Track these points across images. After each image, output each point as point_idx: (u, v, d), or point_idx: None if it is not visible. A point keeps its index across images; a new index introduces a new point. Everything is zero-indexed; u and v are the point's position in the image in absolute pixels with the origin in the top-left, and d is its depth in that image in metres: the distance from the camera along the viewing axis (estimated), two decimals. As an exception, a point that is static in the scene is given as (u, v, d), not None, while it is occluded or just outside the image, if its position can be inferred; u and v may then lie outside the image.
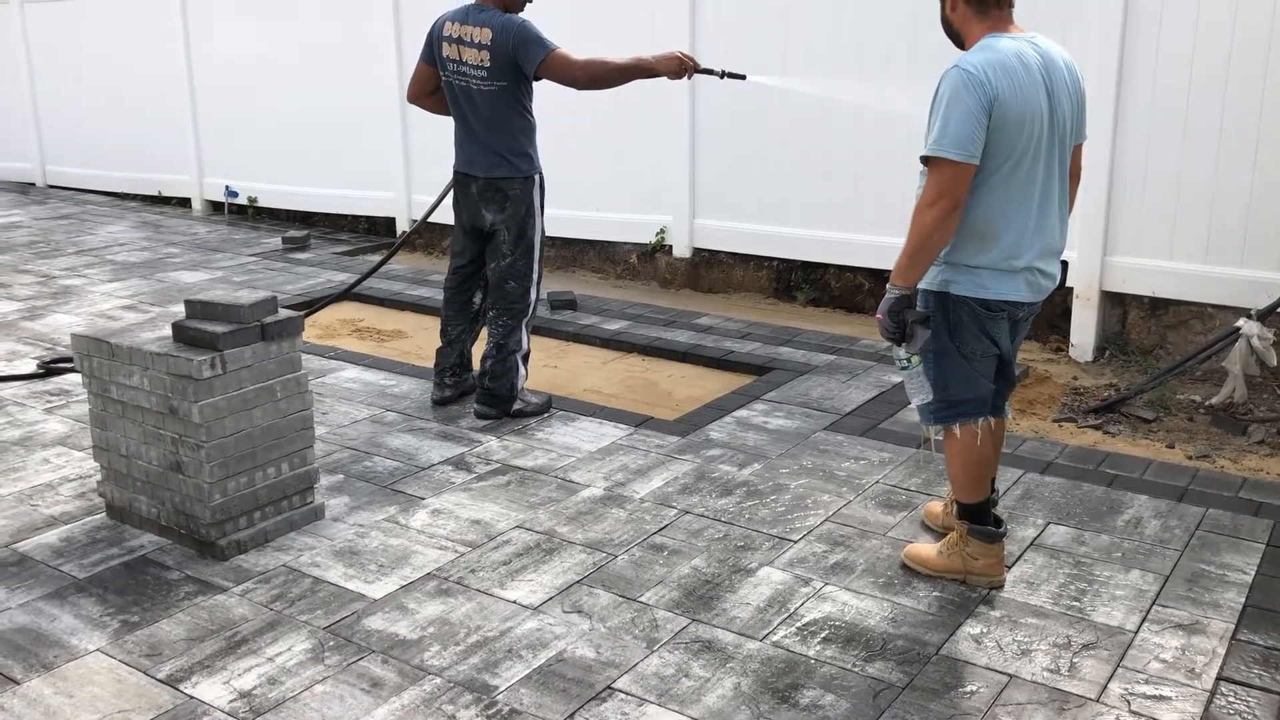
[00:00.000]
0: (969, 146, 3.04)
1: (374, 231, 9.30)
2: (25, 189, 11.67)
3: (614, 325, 6.40)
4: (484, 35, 4.51)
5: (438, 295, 6.89)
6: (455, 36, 4.60)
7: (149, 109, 10.38)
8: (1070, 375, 5.67)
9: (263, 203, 9.89)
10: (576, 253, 7.90)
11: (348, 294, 6.87)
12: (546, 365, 5.80)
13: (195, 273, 7.77)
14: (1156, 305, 5.85)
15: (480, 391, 4.89)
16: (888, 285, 3.22)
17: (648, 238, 7.48)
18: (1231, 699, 2.87)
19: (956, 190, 3.08)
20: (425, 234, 8.55)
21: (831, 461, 4.41)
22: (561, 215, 7.75)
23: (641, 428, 4.78)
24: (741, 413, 4.95)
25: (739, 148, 6.96)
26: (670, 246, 7.40)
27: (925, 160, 3.14)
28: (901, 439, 4.62)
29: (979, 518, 3.41)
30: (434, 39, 4.72)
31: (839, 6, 6.45)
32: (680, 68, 4.64)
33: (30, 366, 5.63)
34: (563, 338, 6.31)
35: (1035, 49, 3.18)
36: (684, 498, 4.08)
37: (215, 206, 10.24)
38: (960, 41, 3.30)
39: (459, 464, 4.41)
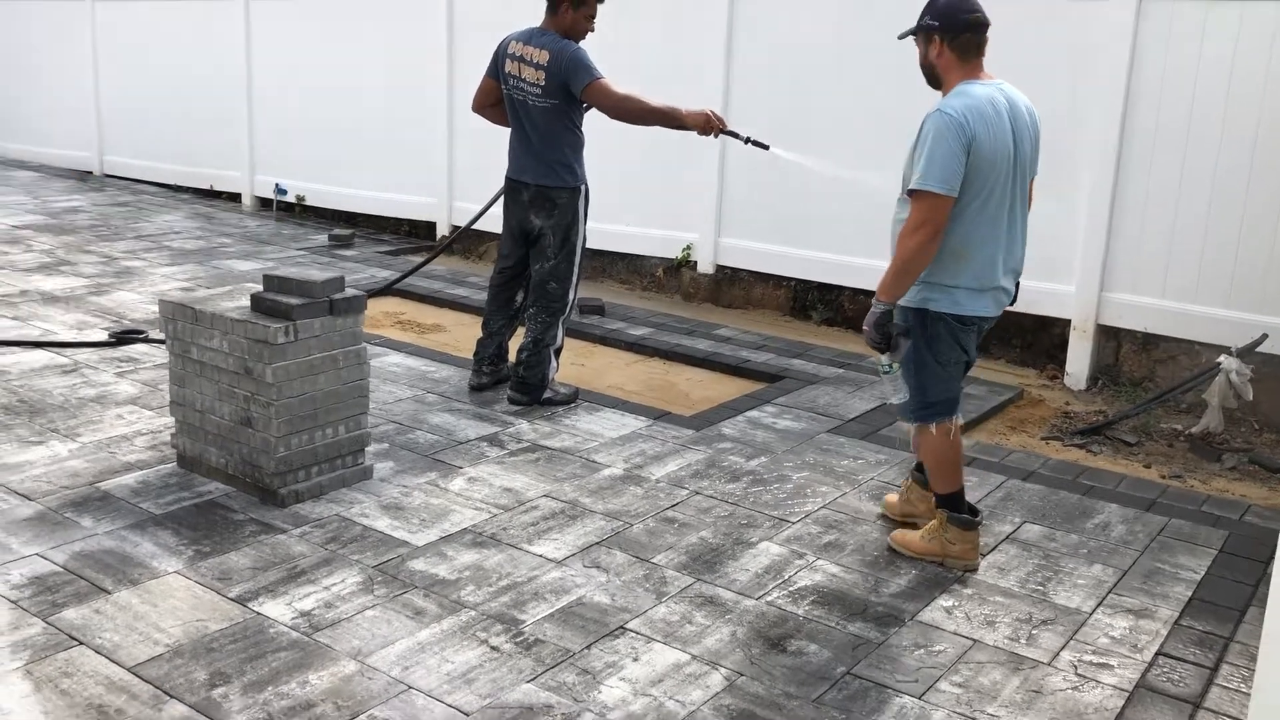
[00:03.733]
0: (950, 181, 3.50)
1: (415, 234, 9.79)
2: (84, 176, 12.24)
3: (638, 331, 6.84)
4: (542, 57, 4.99)
5: (475, 295, 7.38)
6: (518, 55, 5.08)
7: (206, 107, 10.92)
8: (1063, 401, 6.07)
9: (310, 201, 10.39)
10: (606, 264, 8.36)
11: (398, 282, 7.36)
12: (575, 363, 6.24)
13: (247, 262, 8.25)
14: (1148, 340, 6.25)
15: (514, 380, 5.34)
16: (873, 301, 3.67)
17: (674, 253, 7.93)
18: (1166, 670, 3.28)
19: (938, 219, 3.52)
20: (464, 240, 9.02)
21: (832, 459, 4.83)
22: (593, 228, 8.19)
23: (660, 420, 5.21)
24: (752, 413, 5.38)
25: (764, 172, 7.39)
26: (695, 262, 7.85)
27: (911, 192, 3.57)
28: (898, 443, 5.03)
29: (956, 505, 3.83)
30: (499, 56, 5.20)
31: (856, 73, 6.91)
32: (708, 125, 5.12)
33: (100, 336, 6.11)
34: (590, 340, 6.75)
35: (1003, 94, 3.65)
36: (695, 481, 4.51)
37: (264, 203, 10.76)
38: (937, 82, 3.72)
39: (493, 441, 4.85)
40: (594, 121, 5.33)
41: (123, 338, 6.00)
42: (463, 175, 9.09)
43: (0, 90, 13.51)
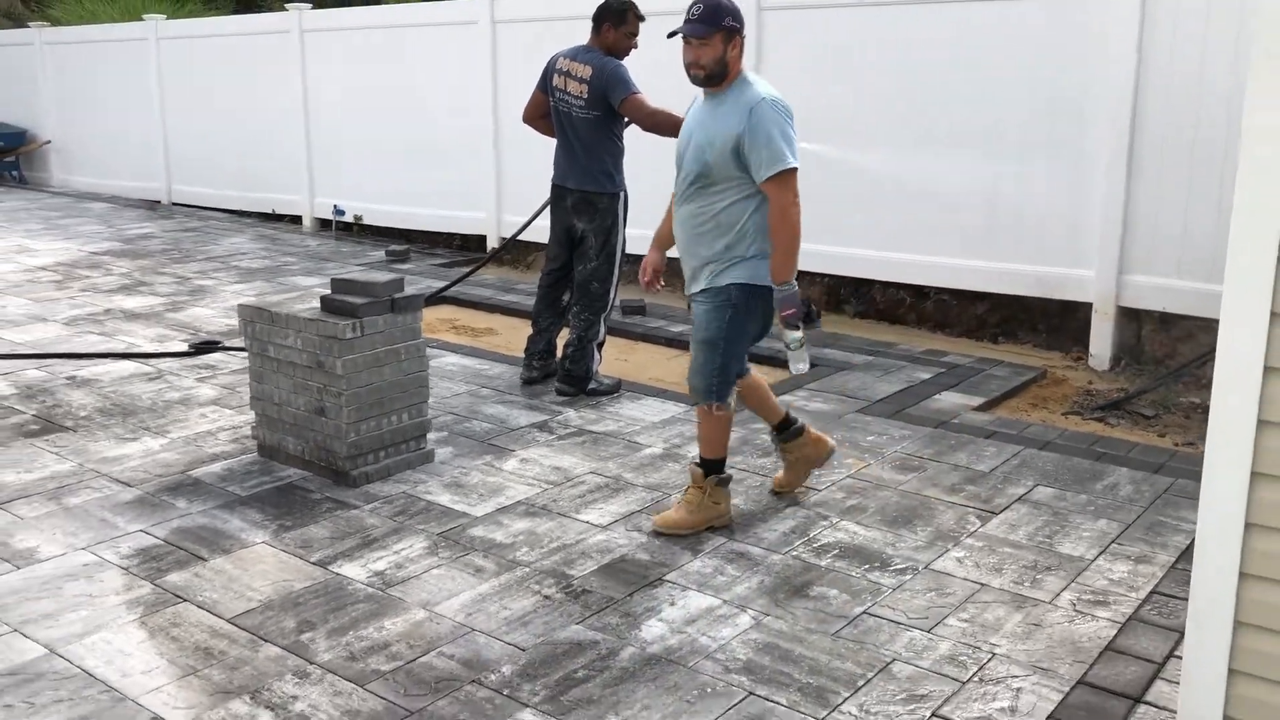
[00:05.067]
0: (798, 156, 3.86)
1: (466, 248, 10.26)
2: (153, 205, 12.90)
3: (678, 328, 7.22)
4: (586, 72, 5.43)
5: (524, 300, 7.80)
6: (564, 70, 5.53)
7: (267, 136, 11.52)
8: (1086, 380, 6.35)
9: (367, 220, 10.93)
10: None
11: (452, 286, 7.83)
12: (618, 359, 6.64)
13: (310, 278, 8.76)
14: (1168, 319, 6.51)
15: (561, 373, 5.74)
16: (782, 285, 3.90)
17: (713, 255, 8.29)
18: (1159, 605, 3.58)
19: (798, 190, 3.85)
20: (512, 250, 9.48)
21: (857, 435, 5.17)
22: (637, 234, 8.62)
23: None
24: (785, 397, 5.73)
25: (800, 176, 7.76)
26: (733, 263, 8.20)
27: (781, 174, 3.79)
28: (921, 421, 5.36)
29: (719, 468, 4.14)
30: (548, 71, 5.64)
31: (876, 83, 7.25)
32: None
33: (180, 347, 6.61)
34: (633, 337, 7.14)
35: None
36: (731, 456, 4.84)
37: (324, 224, 11.32)
38: (719, 78, 3.91)
39: (542, 427, 5.25)
40: (642, 133, 5.74)
41: (201, 348, 6.50)
42: (510, 190, 9.55)
43: (72, 128, 14.29)
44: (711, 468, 4.13)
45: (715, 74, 3.91)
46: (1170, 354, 6.52)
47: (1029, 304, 7.04)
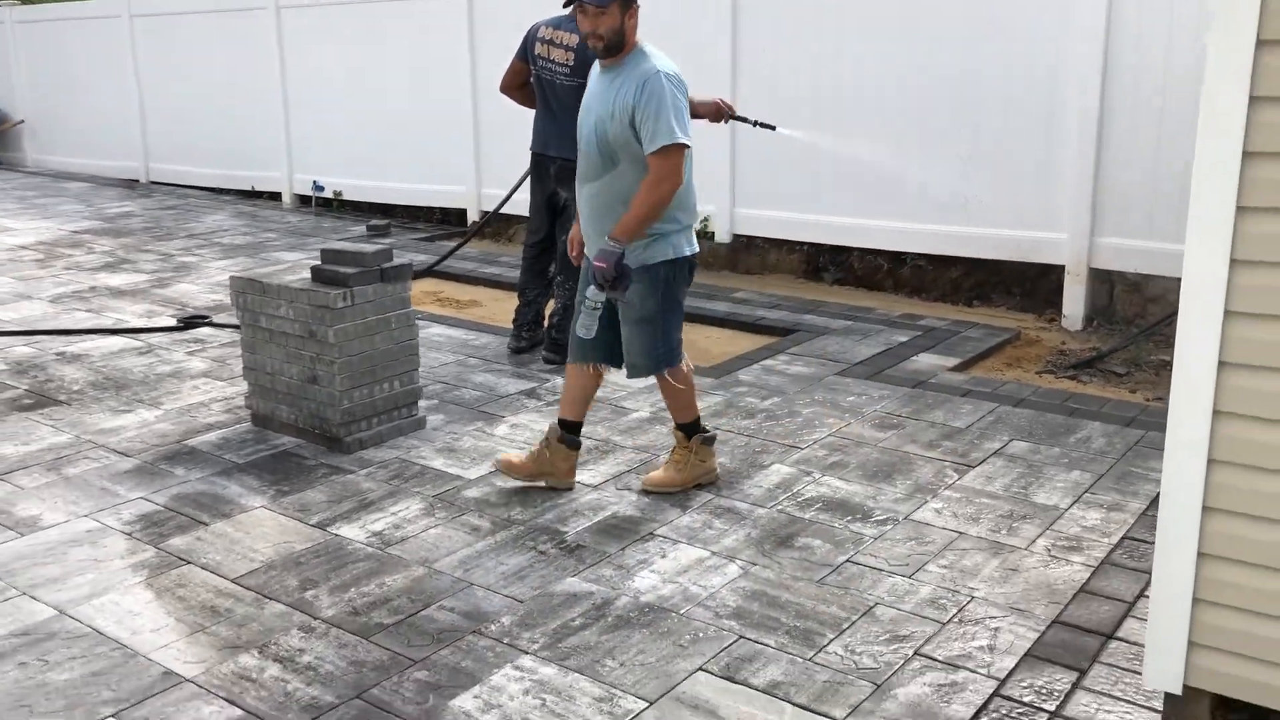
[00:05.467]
0: (689, 132, 3.84)
1: (447, 221, 10.32)
2: (131, 184, 12.87)
3: (661, 297, 7.32)
4: (572, 40, 5.51)
5: (506, 273, 7.89)
6: (548, 38, 5.59)
7: (245, 113, 11.51)
8: (1059, 340, 6.50)
9: (346, 196, 10.96)
10: (629, 239, 8.84)
11: (446, 258, 7.88)
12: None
13: (293, 253, 8.81)
14: (1139, 280, 6.67)
15: (548, 341, 5.84)
16: (609, 240, 3.83)
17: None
18: (1130, 550, 3.73)
19: (682, 168, 3.84)
20: (493, 224, 9.55)
21: (839, 396, 5.30)
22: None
23: (682, 371, 5.70)
24: (767, 362, 5.86)
25: (775, 144, 7.85)
26: (713, 233, 8.32)
27: (665, 148, 3.76)
28: (899, 381, 5.50)
29: (698, 429, 4.21)
30: (529, 40, 5.71)
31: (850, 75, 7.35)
32: (719, 113, 5.57)
33: (169, 322, 6.67)
34: (616, 307, 7.23)
35: None
36: (715, 419, 4.99)
37: (303, 200, 11.34)
38: (616, 49, 3.89)
39: (531, 394, 5.36)
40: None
41: (190, 322, 6.56)
42: (489, 164, 9.61)
43: (47, 107, 14.21)
44: (691, 429, 4.22)
45: (613, 44, 3.89)
46: (1141, 314, 6.68)
47: (1003, 268, 7.18)
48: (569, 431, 4.20)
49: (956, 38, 6.96)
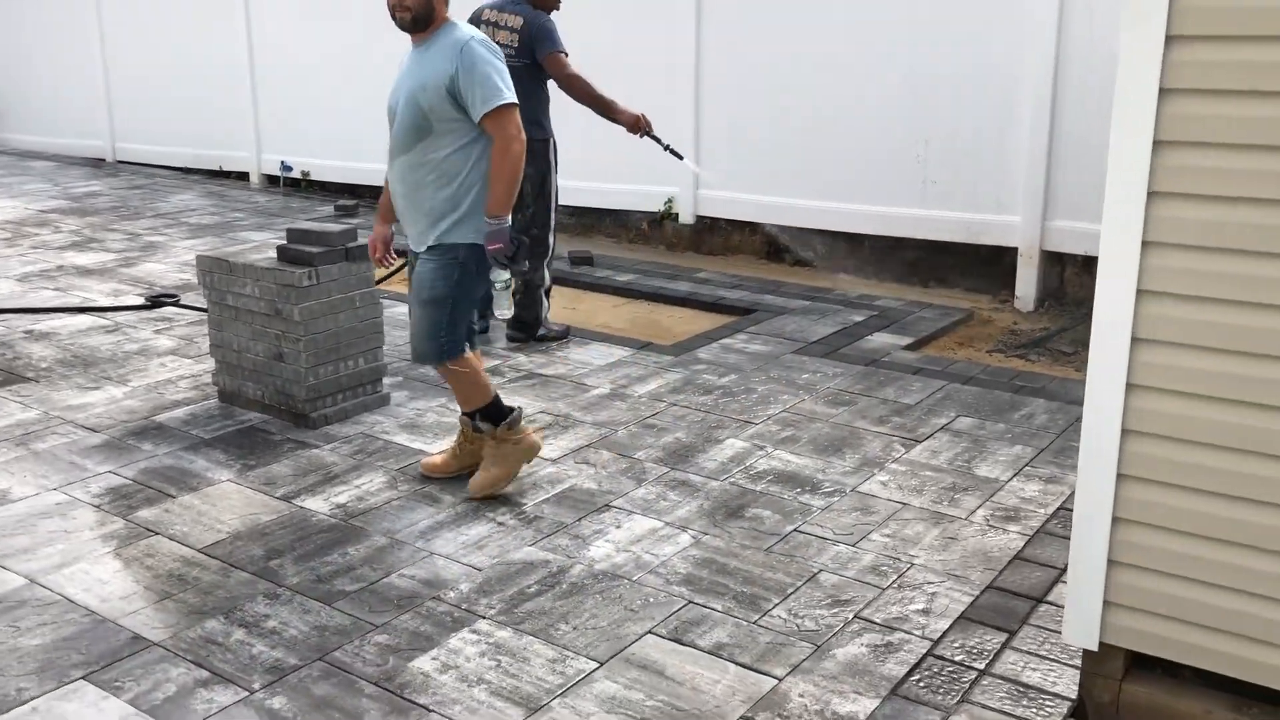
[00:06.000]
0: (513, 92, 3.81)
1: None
2: (97, 163, 12.82)
3: (625, 277, 7.45)
4: (516, 21, 5.65)
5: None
6: (492, 20, 5.72)
7: (212, 92, 11.49)
8: (1011, 321, 6.68)
9: (315, 176, 10.98)
10: (594, 220, 8.96)
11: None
12: (567, 307, 6.85)
13: (261, 233, 8.85)
14: (1089, 262, 6.84)
15: (512, 320, 5.96)
16: (494, 219, 3.80)
17: (657, 206, 8.52)
18: (1065, 520, 3.90)
19: (521, 126, 3.79)
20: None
21: (794, 374, 5.45)
22: (582, 186, 8.82)
23: (643, 350, 5.83)
24: (726, 340, 6.00)
25: (739, 128, 7.99)
26: (677, 215, 8.44)
27: (498, 109, 3.74)
28: (853, 360, 5.65)
29: (499, 413, 4.03)
30: (473, 23, 5.78)
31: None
32: (636, 125, 5.94)
33: (137, 301, 6.73)
34: (581, 287, 7.36)
35: None
36: (673, 395, 5.13)
37: (271, 180, 11.35)
38: (425, 23, 3.90)
39: (495, 372, 5.48)
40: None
41: (157, 301, 6.62)
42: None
43: (11, 84, 14.10)
44: (492, 415, 4.03)
45: (421, 16, 3.87)
46: (1091, 295, 6.77)
47: (959, 250, 7.34)
48: (500, 413, 4.04)
49: (915, 25, 7.10)
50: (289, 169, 11.03)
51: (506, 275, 3.82)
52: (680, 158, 5.84)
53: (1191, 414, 2.50)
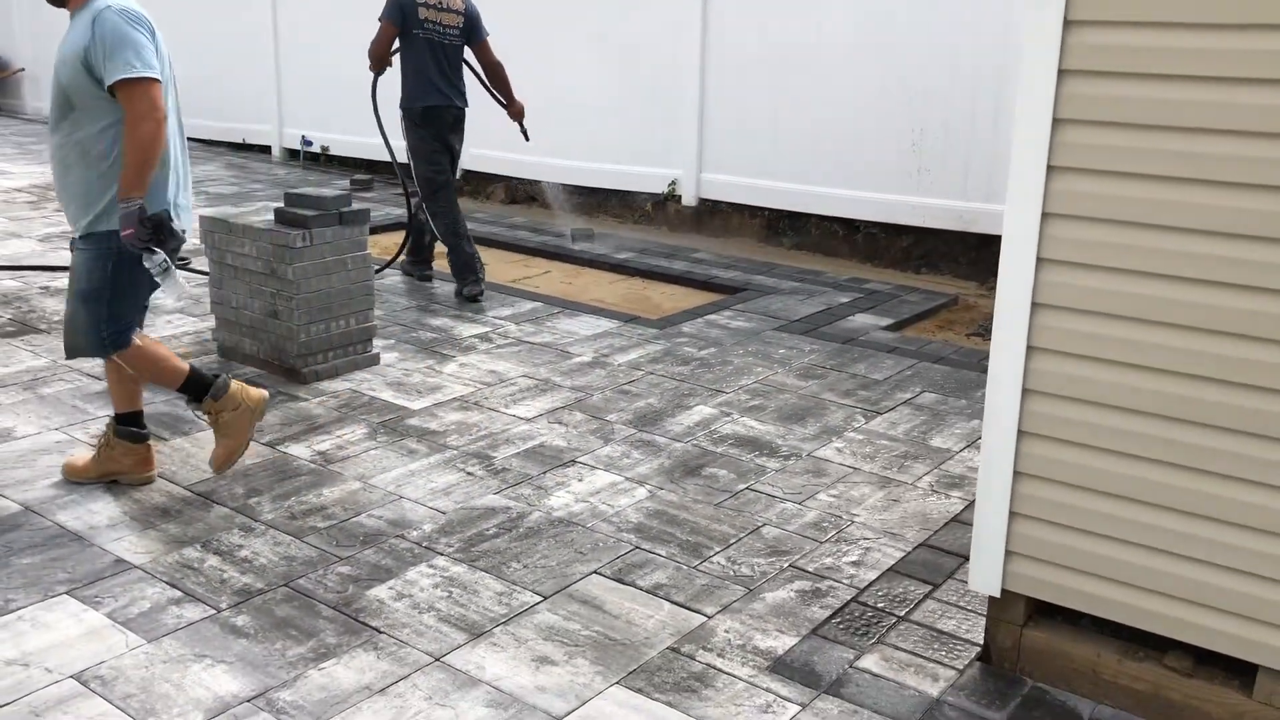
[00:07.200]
0: (158, 68, 3.49)
1: (429, 179, 10.60)
2: (125, 134, 13.15)
3: (623, 255, 7.66)
4: (459, 4, 6.30)
5: (480, 228, 8.20)
6: (434, 4, 6.24)
7: (237, 67, 11.79)
8: (994, 307, 6.82)
9: (334, 151, 11.25)
10: (601, 200, 9.17)
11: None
12: (564, 282, 7.08)
13: (277, 204, 9.11)
14: (1074, 254, 6.98)
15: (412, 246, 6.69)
16: (124, 202, 3.43)
17: (660, 188, 8.72)
18: (1006, 487, 4.08)
19: (162, 105, 3.46)
20: (472, 180, 9.85)
21: (771, 349, 5.64)
22: (588, 167, 9.05)
23: (629, 323, 6.04)
24: (711, 316, 6.20)
25: (742, 112, 8.18)
26: (680, 196, 8.64)
27: (129, 81, 3.40)
28: (831, 338, 5.84)
29: (202, 386, 3.88)
30: (409, 5, 6.21)
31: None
32: (515, 115, 6.66)
33: (149, 262, 7.00)
34: (579, 263, 7.58)
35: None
36: (651, 365, 5.34)
37: (292, 154, 11.64)
38: None
39: (484, 338, 5.70)
40: (592, 72, 6.09)
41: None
42: (482, 126, 9.87)
43: (48, 55, 14.42)
44: (195, 390, 3.88)
45: None
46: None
47: (950, 237, 7.50)
48: (128, 424, 3.91)
49: (912, 15, 7.26)
50: (309, 143, 11.31)
51: (159, 258, 3.52)
52: (527, 139, 6.94)
53: (1085, 375, 2.68)
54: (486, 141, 9.68)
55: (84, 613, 3.12)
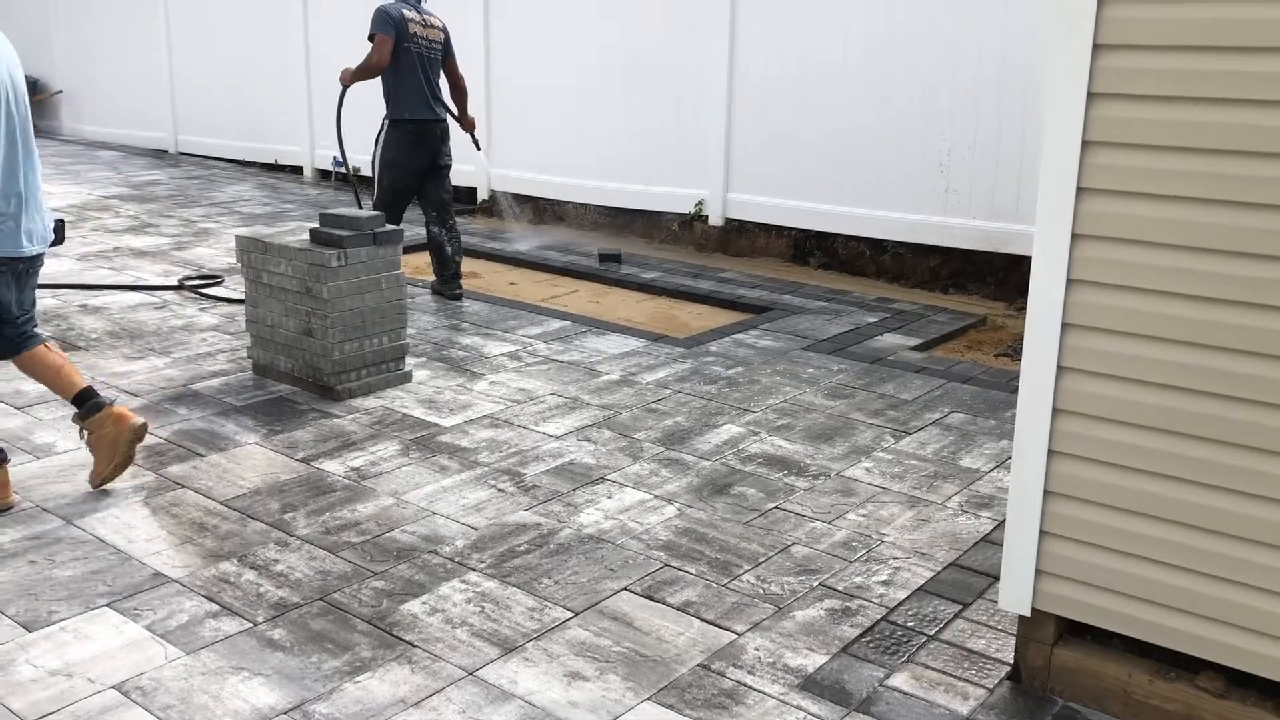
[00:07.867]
0: None
1: (458, 199, 10.68)
2: (160, 154, 13.36)
3: (650, 275, 7.71)
4: (438, 22, 6.62)
5: (505, 248, 8.28)
6: (421, 21, 6.54)
7: (270, 89, 11.96)
8: (1023, 328, 6.82)
9: (365, 172, 11.35)
10: (628, 220, 9.23)
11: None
12: (591, 300, 7.13)
13: (309, 224, 9.21)
14: (1103, 274, 6.97)
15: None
16: None
17: (687, 208, 8.78)
18: (1035, 507, 4.08)
19: None
20: (508, 200, 9.95)
21: (799, 368, 5.67)
22: (616, 188, 9.13)
23: (657, 342, 6.08)
24: (738, 335, 6.23)
25: (768, 133, 8.23)
26: (706, 216, 8.69)
27: None
28: (860, 358, 5.86)
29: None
30: (401, 21, 6.45)
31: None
32: (468, 127, 7.11)
33: (187, 282, 7.11)
34: (607, 283, 7.63)
35: None
36: (679, 384, 5.37)
37: (323, 174, 11.78)
38: None
39: (513, 356, 5.76)
40: (620, 92, 6.18)
41: (181, 283, 6.99)
42: (502, 146, 10.00)
43: (85, 78, 14.72)
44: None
45: None
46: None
47: (978, 258, 7.51)
48: (82, 403, 3.98)
49: (937, 36, 7.29)
50: (340, 164, 11.43)
51: None
52: (479, 149, 7.46)
53: (1116, 395, 2.69)
54: (514, 163, 9.82)
55: (124, 624, 3.17)
